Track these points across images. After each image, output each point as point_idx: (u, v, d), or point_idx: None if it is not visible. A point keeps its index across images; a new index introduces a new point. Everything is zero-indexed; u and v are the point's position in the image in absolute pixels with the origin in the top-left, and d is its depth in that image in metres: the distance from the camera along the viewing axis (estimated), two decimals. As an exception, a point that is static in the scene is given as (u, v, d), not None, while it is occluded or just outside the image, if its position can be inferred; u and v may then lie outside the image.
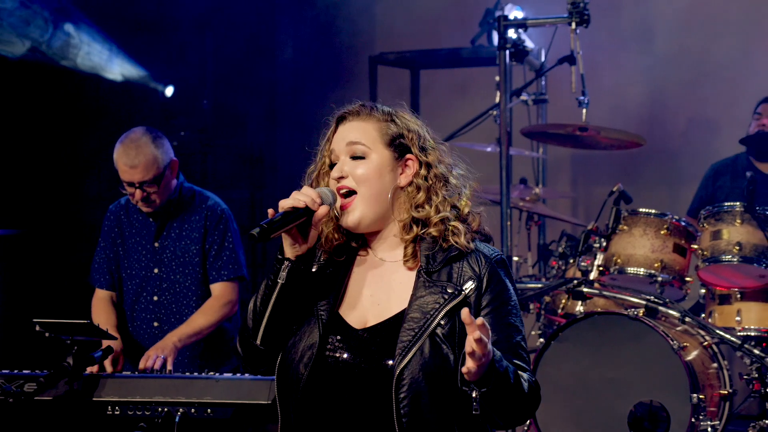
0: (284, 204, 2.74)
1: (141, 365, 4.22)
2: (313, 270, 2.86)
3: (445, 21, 7.54)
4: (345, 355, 2.75)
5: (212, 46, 7.59)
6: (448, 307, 2.73)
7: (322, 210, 2.75)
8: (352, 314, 2.82)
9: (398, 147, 2.84)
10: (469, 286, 2.76)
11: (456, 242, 2.80)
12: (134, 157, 4.46)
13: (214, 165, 7.50)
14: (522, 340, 2.79)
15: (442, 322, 2.72)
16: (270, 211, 2.74)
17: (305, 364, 2.75)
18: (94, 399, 3.79)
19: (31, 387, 3.70)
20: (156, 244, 4.64)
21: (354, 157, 2.82)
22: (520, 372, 2.69)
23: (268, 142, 7.83)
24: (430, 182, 2.83)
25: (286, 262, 2.76)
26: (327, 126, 2.92)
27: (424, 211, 2.81)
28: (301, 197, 2.74)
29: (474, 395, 2.57)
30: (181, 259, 4.62)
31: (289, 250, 2.76)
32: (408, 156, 2.85)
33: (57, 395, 3.76)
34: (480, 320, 2.52)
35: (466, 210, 2.86)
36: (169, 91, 7.20)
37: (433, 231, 2.80)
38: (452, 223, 2.82)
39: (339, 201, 2.81)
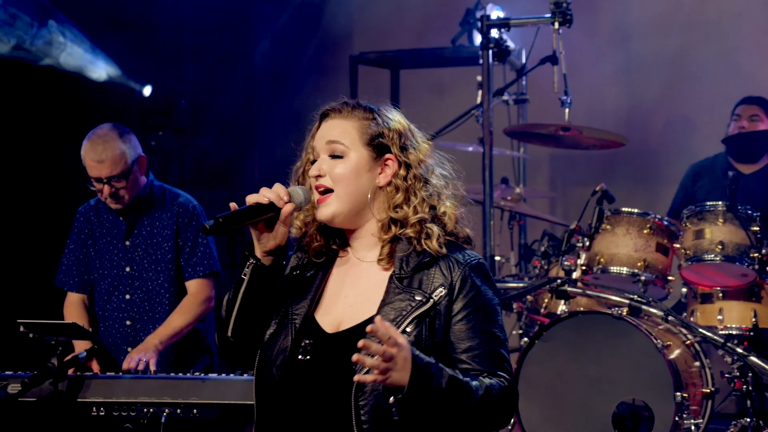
0: (249, 199, 2.74)
1: (124, 366, 4.19)
2: (295, 272, 2.86)
3: (425, 21, 7.54)
4: (315, 359, 2.75)
5: (190, 45, 7.56)
6: (414, 315, 2.70)
7: (288, 208, 2.74)
8: (327, 317, 2.81)
9: (377, 146, 2.82)
10: (439, 293, 2.73)
11: (428, 246, 2.77)
12: (101, 152, 4.44)
13: (192, 165, 7.48)
14: (498, 347, 2.74)
15: (408, 330, 2.69)
16: (232, 205, 2.74)
17: (278, 366, 2.76)
18: (78, 400, 3.76)
19: (15, 388, 3.67)
20: (127, 243, 4.61)
21: (333, 156, 2.81)
22: (482, 379, 2.65)
23: (247, 142, 7.81)
24: (409, 183, 2.81)
25: (251, 260, 2.76)
26: (312, 122, 2.91)
27: (402, 211, 2.79)
28: (267, 194, 2.73)
29: (390, 401, 2.55)
30: (153, 257, 4.60)
31: (255, 246, 2.77)
32: (387, 156, 2.83)
33: (41, 396, 3.74)
34: (369, 327, 2.49)
35: (443, 210, 2.84)
36: (147, 90, 7.17)
37: (410, 232, 2.79)
38: (428, 225, 2.80)
39: (316, 196, 2.81)
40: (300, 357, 2.76)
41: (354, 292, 2.83)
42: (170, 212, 4.63)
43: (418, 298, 2.72)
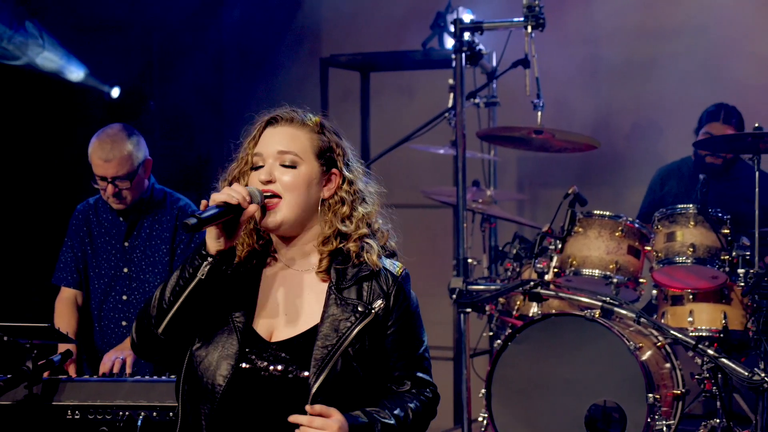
0: (217, 198, 2.73)
1: (100, 371, 4.17)
2: (228, 272, 2.86)
3: (396, 24, 7.54)
4: (261, 367, 2.78)
5: (159, 47, 7.52)
6: (360, 327, 2.80)
7: (252, 208, 2.76)
8: (261, 324, 2.84)
9: (327, 160, 2.89)
10: (378, 304, 2.85)
11: (368, 260, 2.87)
12: (109, 151, 4.45)
13: (161, 166, 7.43)
14: (425, 351, 2.95)
15: (354, 341, 2.79)
16: (204, 202, 2.74)
17: (224, 375, 2.76)
18: (53, 403, 3.73)
19: (-11, 391, 3.64)
20: (126, 244, 4.61)
21: (284, 165, 2.83)
22: (408, 406, 2.86)
23: (216, 144, 7.78)
24: (352, 197, 2.89)
25: (210, 258, 2.75)
26: (251, 124, 2.92)
27: (351, 225, 2.86)
28: (234, 193, 2.73)
29: None
30: (151, 259, 4.60)
31: (214, 245, 2.75)
32: (333, 170, 2.89)
33: (16, 400, 3.71)
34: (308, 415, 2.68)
35: (377, 226, 2.94)
36: (115, 92, 7.12)
37: (351, 246, 2.87)
38: (367, 240, 2.89)
39: (262, 201, 2.83)
40: (245, 365, 2.78)
41: (287, 300, 2.86)
42: (170, 215, 4.64)
43: (360, 309, 2.82)
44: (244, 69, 7.91)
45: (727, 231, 5.01)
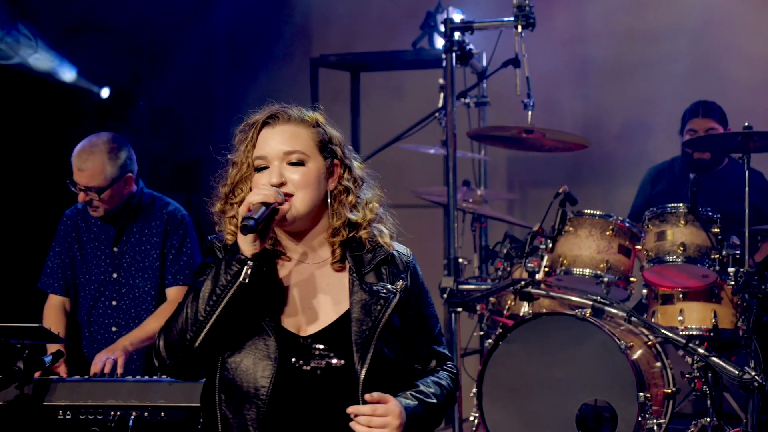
0: (254, 199, 2.72)
1: (91, 371, 4.16)
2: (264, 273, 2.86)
3: (386, 24, 7.55)
4: (302, 362, 2.77)
5: (148, 47, 7.50)
6: (390, 309, 2.84)
7: (285, 207, 2.78)
8: (288, 321, 2.83)
9: (329, 152, 2.90)
10: (400, 285, 2.89)
11: (383, 243, 2.92)
12: (84, 161, 4.45)
13: (151, 167, 7.42)
14: (440, 327, 3.04)
15: (386, 324, 2.82)
16: (248, 205, 2.71)
17: (267, 377, 2.75)
18: (45, 403, 3.74)
19: (-20, 392, 3.64)
20: (115, 249, 4.60)
21: (291, 163, 2.83)
22: (441, 382, 2.93)
23: (205, 145, 7.75)
24: (354, 185, 2.92)
25: (250, 262, 2.72)
26: (237, 126, 2.92)
27: (359, 213, 2.88)
28: (268, 192, 2.74)
29: None
30: (140, 264, 4.58)
31: (250, 248, 2.73)
32: (335, 161, 2.91)
33: (7, 400, 3.72)
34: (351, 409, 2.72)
35: (377, 211, 2.97)
36: (105, 92, 7.11)
37: (363, 233, 2.90)
38: (376, 224, 2.93)
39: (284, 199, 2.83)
40: (285, 363, 2.76)
41: (307, 293, 2.86)
42: (159, 220, 4.63)
43: (385, 292, 2.85)
44: (234, 69, 7.90)
45: (717, 230, 5.02)
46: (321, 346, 2.78)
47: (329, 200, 2.87)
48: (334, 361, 2.77)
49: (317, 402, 2.75)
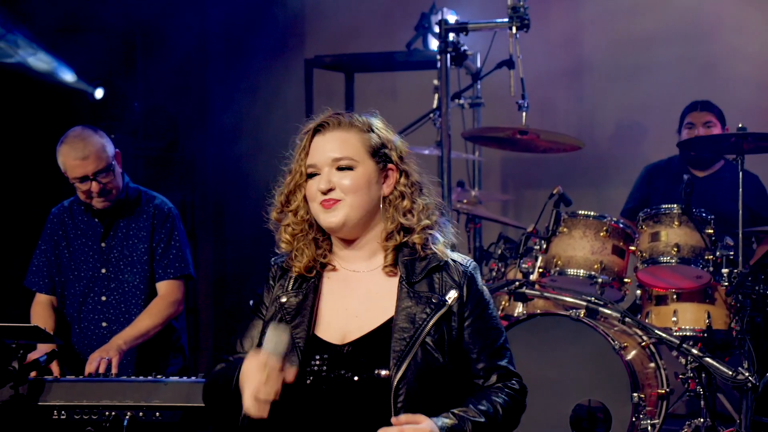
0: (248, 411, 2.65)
1: (86, 371, 4.16)
2: (281, 300, 2.85)
3: (380, 24, 7.56)
4: (331, 373, 2.75)
5: (143, 47, 7.49)
6: (435, 318, 2.77)
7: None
8: (330, 332, 2.81)
9: (382, 157, 2.86)
10: (452, 295, 2.82)
11: (436, 251, 2.86)
12: (83, 148, 4.44)
13: (146, 167, 7.42)
14: (505, 342, 2.91)
15: (431, 332, 2.76)
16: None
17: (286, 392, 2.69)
18: (39, 403, 3.73)
19: (-26, 392, 3.64)
20: (103, 245, 4.60)
21: (340, 168, 2.82)
22: (495, 400, 2.81)
23: (200, 145, 7.76)
24: (411, 190, 2.87)
25: None
26: (298, 137, 2.90)
27: (413, 218, 2.85)
28: (253, 402, 2.62)
29: None
30: (129, 259, 4.58)
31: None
32: (389, 165, 2.87)
33: (1, 400, 3.70)
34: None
35: (434, 219, 2.91)
36: (99, 93, 7.10)
37: (416, 239, 2.85)
38: (431, 231, 2.87)
39: (320, 212, 2.82)
40: (309, 376, 2.74)
41: (355, 301, 2.84)
42: (146, 214, 4.63)
43: (434, 301, 2.80)
44: (228, 70, 7.90)
45: (711, 231, 5.03)
46: (359, 355, 2.75)
47: (382, 205, 2.85)
48: (370, 369, 2.73)
49: (350, 411, 2.72)
